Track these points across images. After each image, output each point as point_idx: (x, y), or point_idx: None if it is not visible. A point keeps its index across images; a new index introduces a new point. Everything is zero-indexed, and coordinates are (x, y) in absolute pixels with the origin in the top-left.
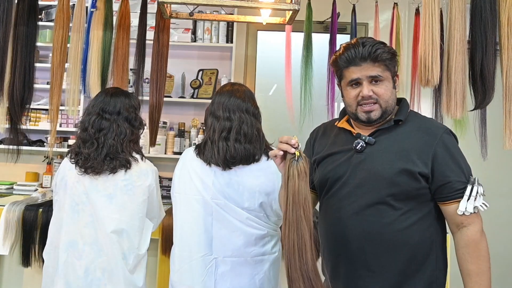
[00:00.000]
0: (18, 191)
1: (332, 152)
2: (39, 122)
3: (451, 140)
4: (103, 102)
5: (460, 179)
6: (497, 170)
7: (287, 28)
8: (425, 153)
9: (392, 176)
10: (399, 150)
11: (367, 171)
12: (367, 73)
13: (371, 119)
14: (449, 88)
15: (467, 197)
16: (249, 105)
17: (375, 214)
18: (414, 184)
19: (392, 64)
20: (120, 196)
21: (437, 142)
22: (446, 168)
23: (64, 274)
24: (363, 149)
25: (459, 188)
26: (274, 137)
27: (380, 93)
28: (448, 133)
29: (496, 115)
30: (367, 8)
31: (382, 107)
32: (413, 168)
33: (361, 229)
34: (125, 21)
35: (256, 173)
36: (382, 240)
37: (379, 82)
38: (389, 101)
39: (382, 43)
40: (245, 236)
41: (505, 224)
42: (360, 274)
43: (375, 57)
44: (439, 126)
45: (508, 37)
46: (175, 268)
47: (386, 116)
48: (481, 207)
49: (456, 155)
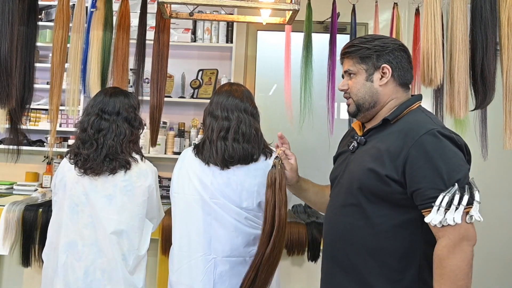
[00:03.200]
0: (18, 191)
1: (340, 152)
2: (39, 122)
3: (433, 142)
4: (102, 102)
5: (434, 186)
6: (497, 170)
7: (287, 28)
8: (398, 156)
9: (361, 176)
10: (376, 151)
11: (349, 172)
12: (343, 68)
13: (349, 113)
14: (452, 88)
15: (436, 208)
16: (247, 105)
17: (349, 215)
18: (383, 187)
19: (365, 56)
20: (120, 197)
21: (413, 144)
22: (418, 173)
23: (64, 275)
24: (355, 149)
25: (431, 196)
26: (274, 137)
27: (350, 87)
28: (432, 134)
29: (496, 115)
30: (367, 8)
31: (354, 101)
32: (380, 170)
33: (337, 229)
34: (125, 21)
35: (255, 173)
36: (354, 242)
37: (352, 75)
38: (358, 94)
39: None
40: (244, 236)
41: (505, 224)
42: (336, 272)
43: (348, 52)
44: (423, 127)
45: (508, 37)
46: (174, 268)
47: (366, 110)
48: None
49: (435, 159)
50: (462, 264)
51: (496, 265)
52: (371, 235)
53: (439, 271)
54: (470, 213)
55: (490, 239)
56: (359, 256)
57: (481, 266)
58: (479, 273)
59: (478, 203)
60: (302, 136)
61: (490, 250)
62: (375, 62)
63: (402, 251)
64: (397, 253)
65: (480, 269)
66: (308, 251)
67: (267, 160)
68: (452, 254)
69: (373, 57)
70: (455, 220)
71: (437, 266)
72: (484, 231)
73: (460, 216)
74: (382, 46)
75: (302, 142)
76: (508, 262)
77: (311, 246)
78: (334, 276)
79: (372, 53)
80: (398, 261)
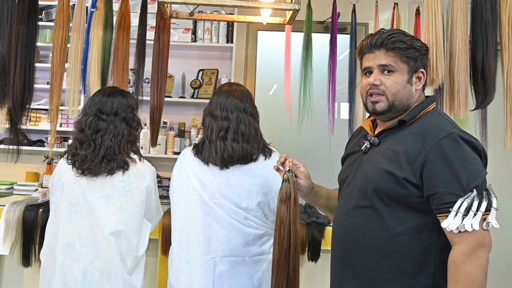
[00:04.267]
0: (18, 191)
1: (350, 152)
2: (39, 122)
3: (452, 146)
4: (100, 102)
5: (452, 191)
6: (497, 170)
7: (287, 28)
8: (416, 158)
9: (376, 178)
10: (392, 153)
11: (362, 173)
12: (378, 61)
13: (376, 110)
14: (452, 87)
15: (454, 213)
16: (246, 105)
17: (362, 218)
18: (400, 189)
19: (411, 57)
20: (118, 197)
21: (432, 148)
22: (436, 177)
23: (62, 276)
24: (367, 150)
25: (449, 201)
26: (274, 137)
27: (388, 85)
28: (452, 138)
29: (496, 115)
30: (367, 8)
31: (389, 100)
32: (398, 173)
33: (348, 231)
34: (125, 21)
35: (254, 173)
36: (367, 244)
37: (390, 73)
38: (397, 95)
39: (407, 34)
40: (243, 236)
41: (506, 224)
42: (346, 276)
43: (387, 45)
44: (442, 130)
45: (509, 37)
46: (173, 268)
47: (396, 112)
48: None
49: (454, 163)
50: (478, 271)
51: (496, 265)
52: (385, 238)
53: (455, 278)
54: (487, 219)
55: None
56: (372, 259)
57: None
58: None
59: (495, 209)
60: (302, 136)
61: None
62: (416, 64)
63: (416, 255)
64: (411, 257)
65: None
66: (308, 251)
67: (266, 160)
68: (469, 261)
69: (417, 59)
70: (473, 227)
71: (453, 273)
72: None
73: (478, 222)
74: (424, 49)
75: (302, 142)
76: (508, 262)
77: (311, 246)
78: (344, 280)
79: (417, 55)
80: (413, 266)
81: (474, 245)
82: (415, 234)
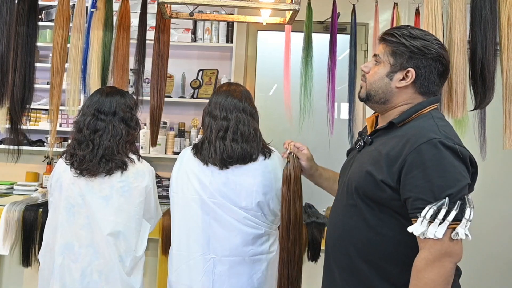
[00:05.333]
0: (18, 191)
1: (351, 148)
2: (39, 122)
3: (431, 152)
4: (98, 102)
5: (423, 197)
6: (497, 170)
7: (287, 28)
8: (396, 162)
9: (358, 178)
10: (377, 154)
11: (352, 171)
12: (376, 51)
13: (359, 96)
14: (450, 88)
15: (421, 219)
16: (246, 105)
17: (349, 216)
18: (378, 192)
19: (400, 53)
20: (116, 198)
21: (411, 152)
22: (411, 182)
23: (60, 277)
24: (361, 148)
25: (419, 207)
26: (274, 137)
27: (370, 74)
28: (432, 144)
29: (495, 115)
30: (367, 8)
31: (367, 88)
32: (376, 175)
33: (338, 229)
34: (125, 21)
35: (253, 172)
36: (354, 242)
37: (378, 63)
38: (373, 85)
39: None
40: (243, 236)
41: (505, 225)
42: (335, 271)
43: (385, 40)
44: (425, 135)
45: (508, 37)
46: (173, 268)
47: (374, 102)
48: (438, 234)
49: (429, 169)
50: (438, 279)
51: (496, 265)
52: (367, 237)
53: (415, 282)
54: (456, 229)
55: (490, 239)
56: (358, 257)
57: (481, 266)
58: (479, 273)
59: (467, 221)
60: (302, 136)
61: (490, 250)
62: (404, 62)
63: (397, 256)
64: (393, 257)
65: (480, 269)
66: (308, 251)
67: (265, 160)
68: (430, 267)
69: (404, 56)
70: (436, 235)
71: (413, 277)
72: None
73: (444, 231)
74: (420, 49)
75: (302, 142)
76: (508, 262)
77: (311, 246)
78: (334, 274)
79: (406, 52)
80: (395, 266)
81: (438, 253)
82: (396, 236)
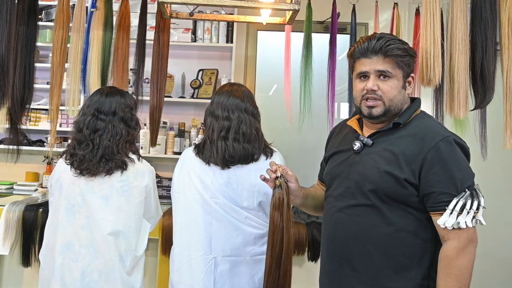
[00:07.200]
0: (18, 191)
1: (337, 151)
2: (39, 122)
3: (448, 149)
4: (98, 102)
5: (447, 191)
6: (497, 170)
7: (287, 28)
8: (414, 160)
9: (376, 179)
10: (390, 155)
11: (358, 173)
12: (375, 66)
13: (372, 115)
14: (452, 88)
15: (449, 211)
16: (247, 105)
17: (363, 215)
18: (400, 189)
19: (406, 63)
20: (116, 197)
21: (430, 150)
22: (433, 178)
23: (61, 276)
24: (360, 150)
25: (444, 200)
26: (274, 137)
27: (385, 90)
28: (448, 141)
29: (496, 115)
30: (367, 8)
31: (386, 105)
32: (399, 174)
33: (348, 229)
34: (125, 21)
35: (255, 172)
36: (368, 241)
37: (387, 78)
38: (393, 100)
39: (401, 41)
40: (244, 235)
41: (505, 224)
42: (345, 273)
43: (386, 52)
44: (438, 133)
45: (509, 37)
46: (174, 267)
47: (390, 116)
48: (468, 223)
49: (450, 164)
50: (468, 264)
51: (496, 265)
52: (386, 234)
53: (447, 271)
54: (476, 217)
55: (490, 239)
56: (372, 255)
57: (481, 266)
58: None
59: (483, 208)
60: (302, 136)
61: (490, 250)
62: (409, 70)
63: (415, 249)
64: (411, 251)
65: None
66: (308, 251)
67: (267, 160)
68: (461, 255)
69: (410, 65)
70: (467, 224)
71: (445, 266)
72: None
73: (471, 220)
74: (412, 53)
75: (301, 142)
76: (508, 262)
77: (311, 246)
78: (343, 276)
79: (411, 61)
80: (411, 260)
81: (466, 241)
82: (414, 230)
